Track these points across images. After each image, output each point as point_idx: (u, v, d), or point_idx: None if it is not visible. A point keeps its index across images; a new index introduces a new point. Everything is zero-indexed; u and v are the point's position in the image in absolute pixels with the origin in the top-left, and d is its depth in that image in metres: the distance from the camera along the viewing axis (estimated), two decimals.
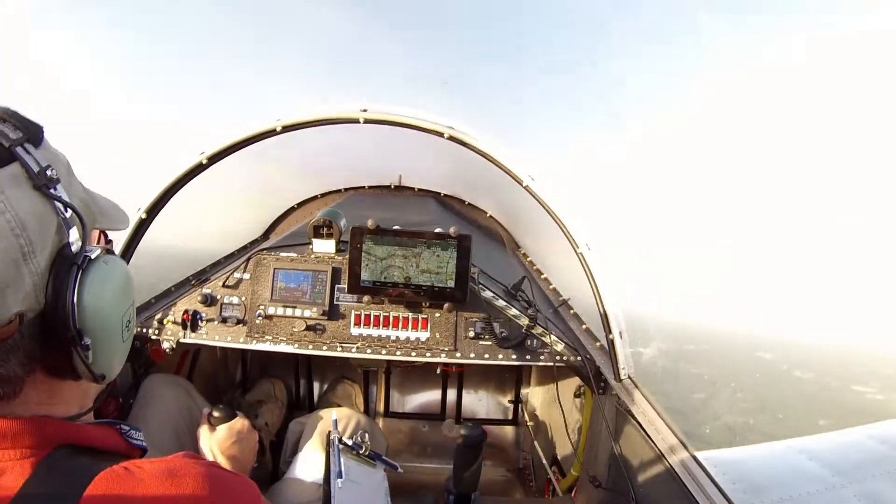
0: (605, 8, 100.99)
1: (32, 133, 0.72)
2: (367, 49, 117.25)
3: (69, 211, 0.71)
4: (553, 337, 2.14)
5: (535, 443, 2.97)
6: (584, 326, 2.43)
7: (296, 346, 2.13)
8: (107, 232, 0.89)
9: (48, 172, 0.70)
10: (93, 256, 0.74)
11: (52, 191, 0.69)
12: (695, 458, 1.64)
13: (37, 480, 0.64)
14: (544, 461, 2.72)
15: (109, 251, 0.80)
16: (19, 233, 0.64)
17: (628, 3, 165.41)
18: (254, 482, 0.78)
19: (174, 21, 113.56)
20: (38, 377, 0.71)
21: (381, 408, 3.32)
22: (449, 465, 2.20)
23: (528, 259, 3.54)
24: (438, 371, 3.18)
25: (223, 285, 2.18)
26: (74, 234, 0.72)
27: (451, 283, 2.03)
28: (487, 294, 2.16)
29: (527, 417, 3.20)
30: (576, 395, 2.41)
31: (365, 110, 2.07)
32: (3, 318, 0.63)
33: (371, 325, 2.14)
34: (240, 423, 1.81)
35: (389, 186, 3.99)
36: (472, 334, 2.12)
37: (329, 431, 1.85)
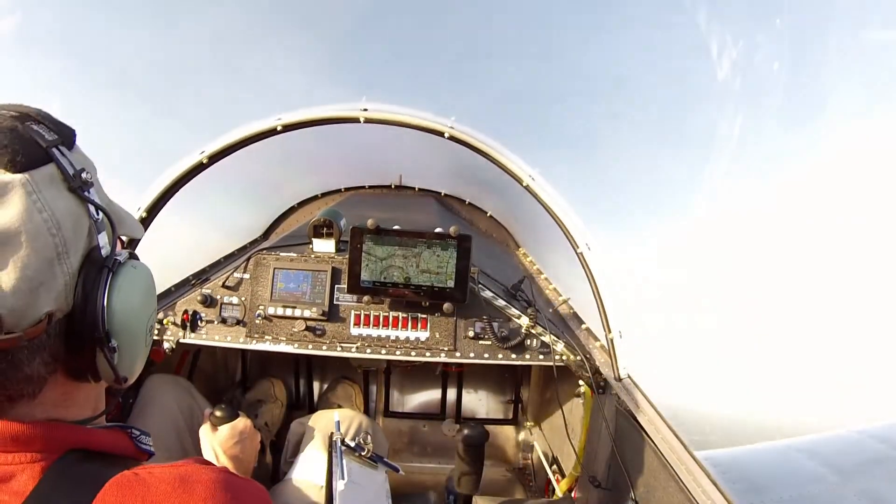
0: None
1: (66, 136, 0.72)
2: None
3: (100, 214, 0.72)
4: (553, 337, 2.14)
5: (535, 443, 2.98)
6: (584, 326, 2.43)
7: (295, 346, 2.13)
8: (123, 239, 0.90)
9: (83, 175, 0.70)
10: (121, 260, 0.74)
11: (86, 193, 0.70)
12: (694, 458, 1.64)
13: (47, 485, 0.64)
14: (544, 461, 2.72)
15: (134, 256, 0.80)
16: (55, 232, 0.64)
17: None
18: (264, 487, 0.78)
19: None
20: (59, 378, 0.71)
21: (380, 408, 3.32)
22: (449, 465, 2.20)
23: (529, 259, 3.54)
24: (438, 371, 3.19)
25: (223, 285, 2.18)
26: (103, 238, 0.72)
27: (451, 284, 2.03)
28: (487, 294, 2.16)
29: (527, 417, 3.20)
30: (576, 395, 2.41)
31: (365, 109, 2.06)
32: (34, 317, 0.63)
33: (371, 325, 2.14)
34: (242, 422, 1.81)
35: (390, 186, 3.99)
36: (471, 334, 2.12)
37: (331, 433, 1.85)
